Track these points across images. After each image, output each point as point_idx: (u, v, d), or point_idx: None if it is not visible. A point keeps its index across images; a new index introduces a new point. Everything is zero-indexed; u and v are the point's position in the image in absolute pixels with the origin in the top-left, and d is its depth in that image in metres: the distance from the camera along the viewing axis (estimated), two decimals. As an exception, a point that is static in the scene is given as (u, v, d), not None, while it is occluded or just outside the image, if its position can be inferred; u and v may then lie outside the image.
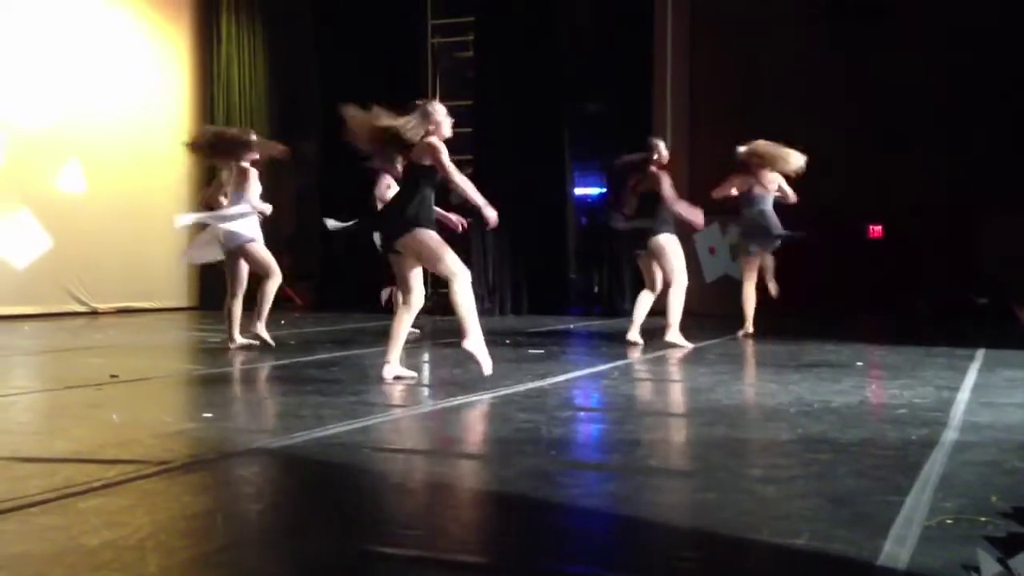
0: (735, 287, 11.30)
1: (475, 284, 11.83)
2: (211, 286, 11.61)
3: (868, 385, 5.26)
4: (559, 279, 12.29)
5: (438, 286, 13.02)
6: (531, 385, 5.09)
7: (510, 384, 5.10)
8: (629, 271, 11.68)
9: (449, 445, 3.72)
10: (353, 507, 2.80)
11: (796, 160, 7.99)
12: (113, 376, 5.50)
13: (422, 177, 5.23)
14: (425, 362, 6.76)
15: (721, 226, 11.40)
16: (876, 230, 10.92)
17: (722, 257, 11.40)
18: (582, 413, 4.56)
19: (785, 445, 3.50)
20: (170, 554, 2.27)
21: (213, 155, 7.21)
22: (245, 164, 6.90)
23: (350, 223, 8.10)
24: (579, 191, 14.10)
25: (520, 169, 11.77)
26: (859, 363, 6.12)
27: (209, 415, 4.12)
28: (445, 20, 12.76)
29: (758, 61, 11.25)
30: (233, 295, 7.04)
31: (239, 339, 6.99)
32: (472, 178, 12.58)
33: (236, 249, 6.87)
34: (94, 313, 10.69)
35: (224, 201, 7.14)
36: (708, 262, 11.46)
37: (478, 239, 11.93)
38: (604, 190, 12.89)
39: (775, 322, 8.45)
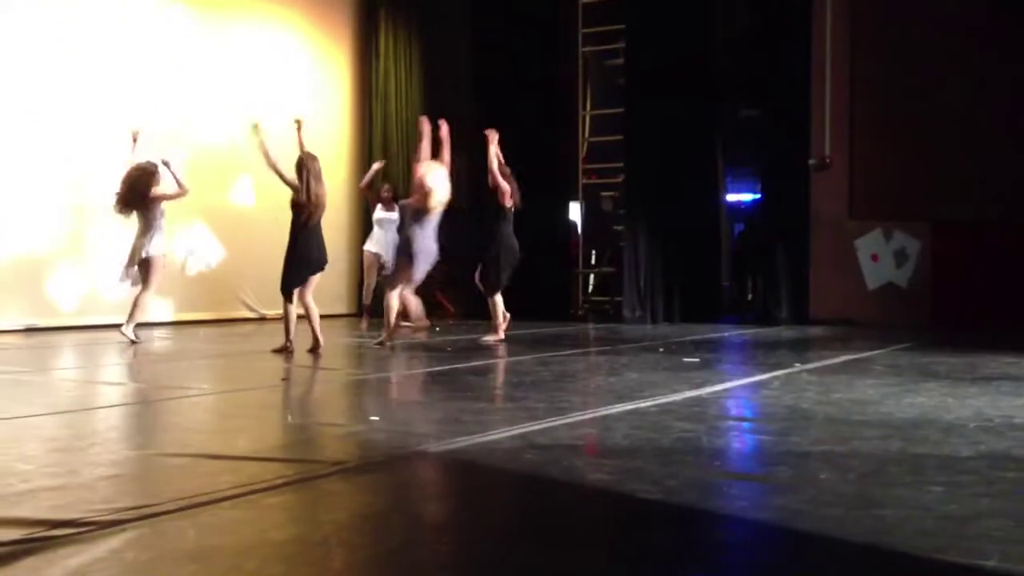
0: (898, 295, 10.86)
1: (627, 292, 11.90)
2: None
3: (1054, 400, 4.93)
4: (712, 287, 12.09)
5: (592, 293, 13.06)
6: (688, 394, 5.03)
7: (666, 393, 5.05)
8: (785, 279, 11.38)
9: (609, 454, 3.71)
10: (518, 512, 2.84)
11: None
12: (284, 379, 5.77)
13: None
14: (580, 370, 6.78)
15: (884, 233, 10.99)
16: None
17: (885, 264, 10.94)
18: (744, 423, 4.47)
19: (966, 462, 3.33)
20: (353, 551, 2.37)
21: None
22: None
23: None
24: (732, 197, 13.85)
25: (671, 176, 11.66)
26: (1042, 377, 5.75)
27: (376, 418, 4.27)
28: (596, 28, 12.78)
29: (922, 62, 10.76)
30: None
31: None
32: (623, 185, 12.62)
33: None
34: (262, 319, 11.24)
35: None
36: (870, 269, 11.02)
37: (630, 247, 11.89)
38: (758, 196, 12.62)
39: (944, 334, 8.03)
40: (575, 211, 13.34)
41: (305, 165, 7.20)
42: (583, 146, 12.95)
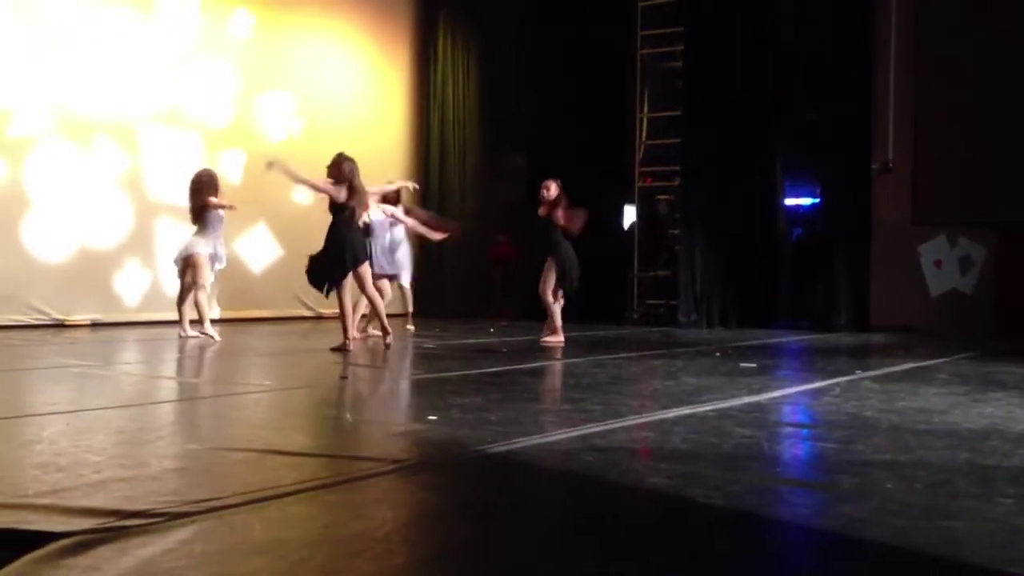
0: (962, 303, 10.63)
1: (683, 296, 11.82)
2: (425, 294, 12.12)
3: None
4: (769, 292, 11.95)
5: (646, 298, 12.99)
6: (747, 400, 4.98)
7: (724, 398, 5.00)
8: (845, 284, 11.20)
9: (668, 458, 3.69)
10: (578, 514, 2.83)
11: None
12: (343, 378, 5.84)
13: None
14: (636, 373, 6.75)
15: (949, 239, 10.78)
16: None
17: (949, 271, 10.72)
18: (804, 430, 4.41)
19: (1037, 474, 3.25)
20: (415, 548, 2.39)
21: None
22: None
23: None
24: (790, 201, 13.66)
25: (729, 179, 11.55)
26: (1115, 388, 5.58)
27: (433, 418, 4.29)
28: (654, 31, 12.72)
29: (988, 65, 10.52)
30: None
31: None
32: (679, 189, 12.51)
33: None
34: (319, 318, 11.38)
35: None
36: (934, 276, 10.81)
37: (686, 251, 11.80)
38: (817, 200, 12.44)
39: (1009, 343, 7.83)
40: (630, 214, 13.29)
41: (348, 161, 7.45)
42: (640, 149, 12.89)
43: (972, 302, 10.61)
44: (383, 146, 12.83)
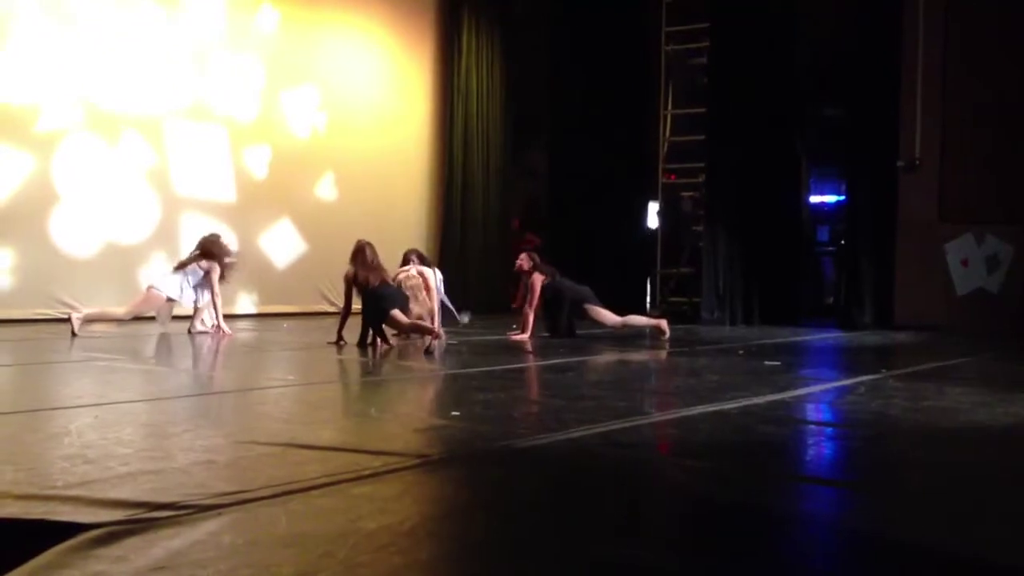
0: (988, 302, 10.52)
1: (706, 293, 11.76)
2: (448, 291, 12.12)
3: None
4: (793, 289, 11.89)
5: (667, 294, 12.96)
6: (770, 397, 4.96)
7: (748, 395, 4.99)
8: (870, 282, 11.12)
9: (692, 454, 3.69)
10: (599, 509, 2.84)
11: None
12: (367, 373, 5.86)
13: None
14: (660, 370, 6.74)
15: (976, 237, 10.67)
16: None
17: (976, 270, 10.62)
18: (828, 428, 4.39)
19: (1066, 475, 3.22)
20: (440, 542, 2.40)
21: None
22: None
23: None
24: (815, 199, 13.59)
25: (753, 176, 11.49)
26: None
27: (456, 413, 4.31)
28: (679, 27, 12.67)
29: (1020, 58, 10.40)
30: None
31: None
32: (704, 186, 12.48)
33: None
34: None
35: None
36: (960, 274, 10.70)
37: (710, 248, 11.76)
38: (843, 198, 12.36)
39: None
40: (654, 211, 13.27)
41: (355, 255, 7.88)
42: (664, 145, 12.85)
43: (999, 301, 10.50)
44: (406, 140, 12.86)
